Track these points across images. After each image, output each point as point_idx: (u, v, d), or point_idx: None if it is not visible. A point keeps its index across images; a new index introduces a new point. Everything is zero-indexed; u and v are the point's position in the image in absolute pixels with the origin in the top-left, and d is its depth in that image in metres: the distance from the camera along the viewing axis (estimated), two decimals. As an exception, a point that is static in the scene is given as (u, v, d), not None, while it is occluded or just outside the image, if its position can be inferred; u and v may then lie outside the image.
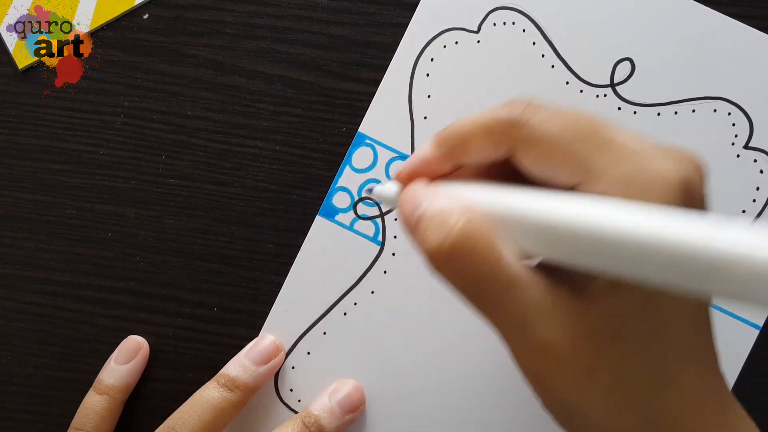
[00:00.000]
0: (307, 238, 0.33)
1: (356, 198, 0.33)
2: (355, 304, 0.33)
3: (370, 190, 0.27)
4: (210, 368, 0.33)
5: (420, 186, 0.24)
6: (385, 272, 0.32)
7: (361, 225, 0.33)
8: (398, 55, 0.33)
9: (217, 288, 0.33)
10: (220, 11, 0.33)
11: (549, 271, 0.21)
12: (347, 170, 0.33)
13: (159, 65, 0.33)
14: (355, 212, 0.33)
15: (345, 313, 0.33)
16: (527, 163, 0.22)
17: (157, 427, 0.30)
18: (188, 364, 0.33)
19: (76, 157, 0.33)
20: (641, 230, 0.18)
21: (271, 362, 0.32)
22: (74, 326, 0.33)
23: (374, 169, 0.33)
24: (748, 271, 0.16)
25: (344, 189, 0.33)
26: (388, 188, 0.26)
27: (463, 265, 0.21)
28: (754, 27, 0.32)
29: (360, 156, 0.33)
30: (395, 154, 0.33)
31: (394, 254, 0.33)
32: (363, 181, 0.33)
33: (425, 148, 0.25)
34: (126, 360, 0.32)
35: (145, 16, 0.33)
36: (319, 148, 0.33)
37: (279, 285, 0.33)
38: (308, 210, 0.33)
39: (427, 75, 0.33)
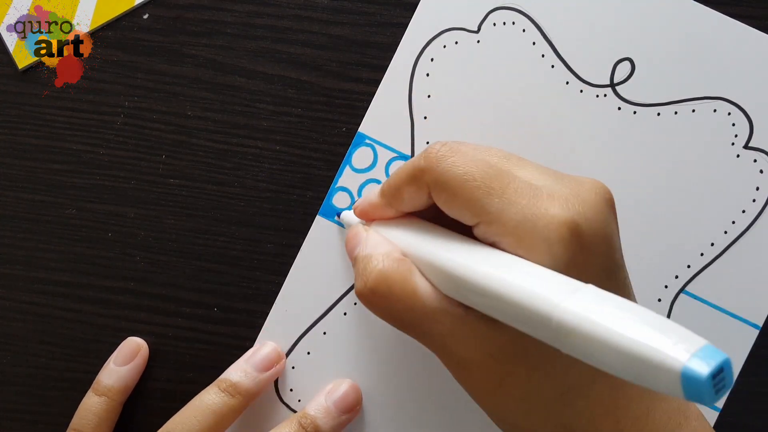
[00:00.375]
0: (307, 238, 0.33)
1: (356, 198, 0.33)
2: (355, 304, 0.33)
3: (338, 214, 0.32)
4: (210, 368, 0.33)
5: (360, 229, 0.28)
6: None
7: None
8: (398, 55, 0.33)
9: (217, 288, 0.33)
10: (220, 11, 0.33)
11: None
12: (347, 170, 0.33)
13: (159, 65, 0.33)
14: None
15: (345, 313, 0.33)
16: (440, 205, 0.25)
17: (157, 428, 0.30)
18: (188, 364, 0.33)
19: (76, 157, 0.33)
20: (501, 288, 0.20)
21: (273, 369, 0.32)
22: (74, 326, 0.33)
23: (374, 169, 0.33)
24: (581, 341, 0.18)
25: (344, 189, 0.33)
26: (347, 216, 0.31)
27: (383, 303, 0.25)
28: (754, 27, 0.32)
29: (360, 156, 0.33)
30: (395, 154, 0.33)
31: None
32: (363, 181, 0.33)
33: (374, 193, 0.29)
34: (125, 361, 0.32)
35: (145, 16, 0.33)
36: (319, 148, 0.33)
37: (279, 285, 0.33)
38: (308, 210, 0.33)
39: (427, 75, 0.33)
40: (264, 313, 0.33)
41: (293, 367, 0.33)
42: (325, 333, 0.33)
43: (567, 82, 0.32)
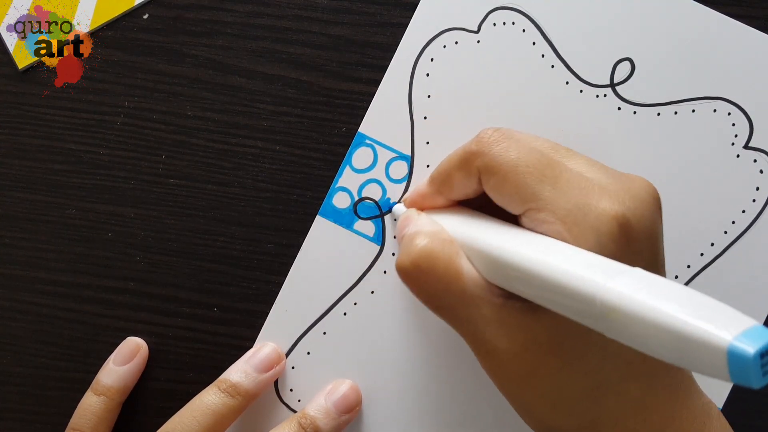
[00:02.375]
0: (307, 238, 0.33)
1: (356, 198, 0.33)
2: (355, 304, 0.33)
3: (390, 208, 0.33)
4: (210, 368, 0.33)
5: (412, 212, 0.29)
6: (385, 272, 0.32)
7: (361, 225, 0.33)
8: (398, 55, 0.33)
9: (217, 288, 0.33)
10: (220, 11, 0.33)
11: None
12: (347, 170, 0.33)
13: (159, 65, 0.33)
14: (355, 212, 0.33)
15: (345, 313, 0.33)
16: (488, 190, 0.25)
17: (157, 428, 0.30)
18: (188, 364, 0.33)
19: (76, 157, 0.33)
20: (548, 271, 0.20)
21: (273, 370, 0.32)
22: (74, 326, 0.33)
23: (374, 169, 0.33)
24: (625, 321, 0.18)
25: (344, 189, 0.33)
26: (398, 209, 0.32)
27: (423, 279, 0.25)
28: (754, 27, 0.32)
29: (360, 156, 0.33)
30: (395, 154, 0.33)
31: (394, 254, 0.33)
32: (363, 181, 0.33)
33: (423, 183, 0.29)
34: (124, 361, 0.32)
35: (145, 16, 0.33)
36: (319, 148, 0.33)
37: (279, 285, 0.33)
38: (308, 210, 0.33)
39: (427, 75, 0.33)
40: (264, 313, 0.33)
41: (293, 367, 0.33)
42: (325, 333, 0.33)
43: (567, 82, 0.32)
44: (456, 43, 0.32)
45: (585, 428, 0.24)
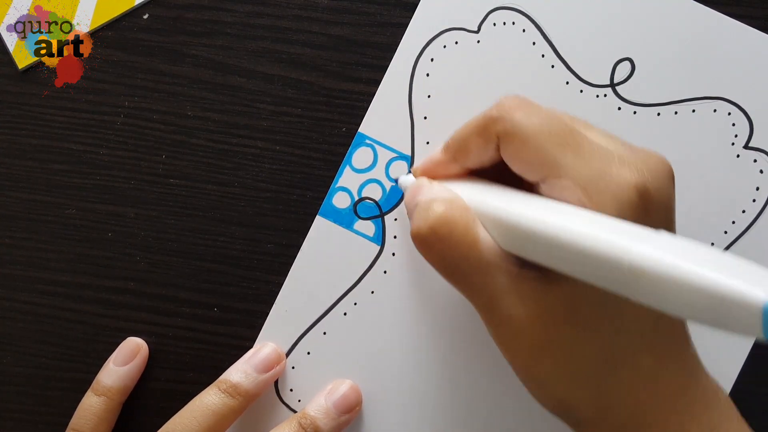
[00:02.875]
0: (307, 238, 0.33)
1: (356, 198, 0.33)
2: (355, 304, 0.33)
3: (396, 179, 0.32)
4: (210, 368, 0.33)
5: (423, 181, 0.28)
6: (385, 272, 0.33)
7: (361, 225, 0.33)
8: (398, 55, 0.33)
9: (217, 288, 0.33)
10: (220, 11, 0.33)
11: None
12: (347, 170, 0.33)
13: (159, 65, 0.33)
14: (355, 212, 0.33)
15: (345, 313, 0.33)
16: (506, 157, 0.25)
17: (157, 428, 0.30)
18: (188, 364, 0.33)
19: (76, 157, 0.33)
20: (572, 237, 0.20)
21: (273, 370, 0.32)
22: (74, 326, 0.33)
23: (374, 170, 0.33)
24: (656, 283, 0.18)
25: (344, 189, 0.33)
26: (406, 180, 0.30)
27: (439, 246, 0.24)
28: (754, 27, 0.32)
29: (360, 156, 0.33)
30: (395, 154, 0.33)
31: (394, 254, 0.33)
32: (363, 181, 0.33)
33: (437, 151, 0.28)
34: (125, 362, 0.32)
35: (145, 16, 0.33)
36: (319, 148, 0.33)
37: (279, 285, 0.33)
38: (308, 210, 0.33)
39: (427, 75, 0.33)
40: (264, 313, 0.33)
41: (293, 368, 0.33)
42: (325, 333, 0.33)
43: (567, 82, 0.32)
44: (456, 43, 0.33)
45: (597, 399, 0.24)
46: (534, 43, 0.32)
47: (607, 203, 0.22)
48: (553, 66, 0.32)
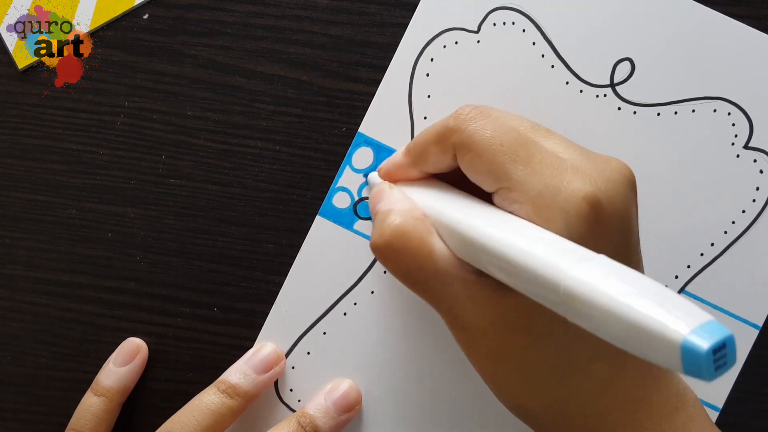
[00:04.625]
0: (307, 238, 0.33)
1: (356, 198, 0.33)
2: (355, 304, 0.33)
3: (365, 175, 0.32)
4: (210, 368, 0.33)
5: (385, 186, 0.28)
6: (385, 272, 0.33)
7: (361, 225, 0.33)
8: (398, 55, 0.33)
9: (217, 288, 0.33)
10: (220, 11, 0.33)
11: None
12: (347, 170, 0.33)
13: (159, 65, 0.33)
14: (355, 212, 0.33)
15: (345, 313, 0.33)
16: (462, 167, 0.25)
17: (156, 428, 0.30)
18: (188, 364, 0.33)
19: (76, 157, 0.33)
20: (515, 254, 0.21)
21: (272, 371, 0.32)
22: (74, 326, 0.33)
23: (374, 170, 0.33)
24: (586, 309, 0.18)
25: (344, 189, 0.33)
26: (374, 178, 0.31)
27: (396, 258, 0.25)
28: (754, 27, 0.32)
29: (360, 156, 0.33)
30: (395, 154, 0.33)
31: None
32: (364, 181, 0.33)
33: (398, 154, 0.29)
34: (124, 362, 0.32)
35: (145, 16, 0.33)
36: (319, 148, 0.33)
37: (279, 285, 0.33)
38: (308, 210, 0.33)
39: (427, 75, 0.33)
40: (264, 313, 0.33)
41: (293, 367, 0.33)
42: (325, 333, 0.33)
43: (567, 82, 0.32)
44: (456, 43, 0.33)
45: (554, 406, 0.24)
46: (534, 43, 0.32)
47: (556, 217, 0.22)
48: (553, 66, 0.32)
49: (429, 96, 0.33)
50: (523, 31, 0.32)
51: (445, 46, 0.33)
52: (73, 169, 0.33)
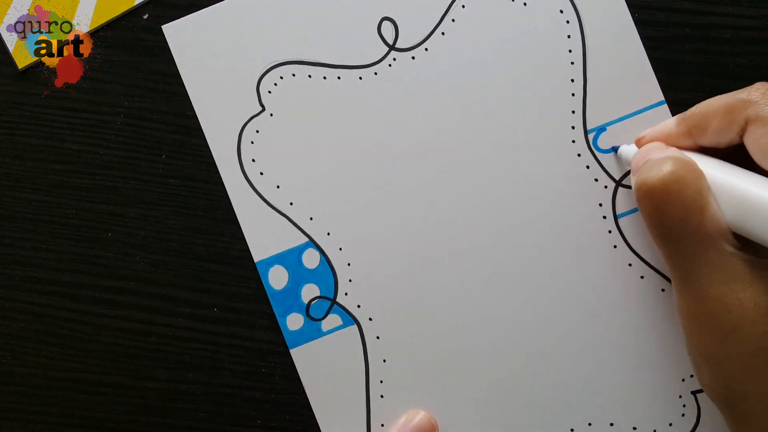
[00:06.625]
0: (300, 371, 0.32)
1: (305, 309, 0.32)
2: (381, 382, 0.32)
3: (616, 149, 0.30)
4: (210, 368, 0.33)
5: (659, 144, 0.27)
6: (378, 338, 0.32)
7: (327, 323, 0.32)
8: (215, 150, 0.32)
9: (217, 288, 0.33)
10: (220, 11, 0.33)
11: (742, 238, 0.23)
12: (272, 296, 0.32)
13: (159, 65, 0.33)
14: (312, 318, 0.32)
15: (382, 395, 0.32)
16: (750, 144, 0.24)
17: (157, 428, 0.30)
18: (188, 364, 0.33)
19: (76, 157, 0.33)
20: None
21: None
22: (74, 326, 0.33)
23: (290, 285, 0.33)
24: None
25: (288, 311, 0.32)
26: (628, 150, 0.29)
27: (664, 202, 0.24)
28: (753, 27, 0.32)
29: (274, 276, 0.32)
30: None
31: (371, 319, 0.32)
32: (292, 290, 0.32)
33: (669, 122, 0.27)
34: None
35: (145, 16, 0.33)
36: (319, 148, 0.33)
37: (279, 285, 0.33)
38: (308, 210, 0.33)
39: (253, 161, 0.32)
40: (264, 313, 0.33)
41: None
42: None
43: (360, 78, 0.32)
44: (258, 132, 0.32)
45: None
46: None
47: None
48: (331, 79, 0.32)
49: (261, 174, 0.32)
50: (309, 76, 0.32)
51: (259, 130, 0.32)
52: (73, 169, 0.33)
